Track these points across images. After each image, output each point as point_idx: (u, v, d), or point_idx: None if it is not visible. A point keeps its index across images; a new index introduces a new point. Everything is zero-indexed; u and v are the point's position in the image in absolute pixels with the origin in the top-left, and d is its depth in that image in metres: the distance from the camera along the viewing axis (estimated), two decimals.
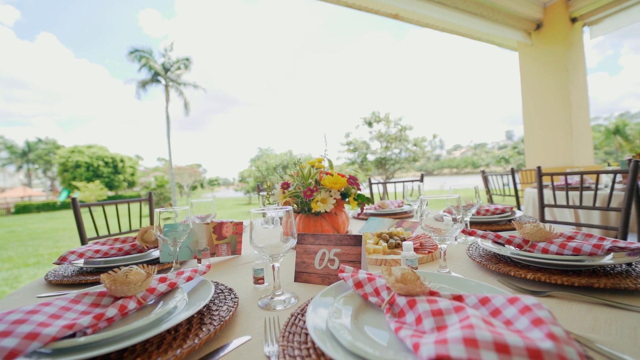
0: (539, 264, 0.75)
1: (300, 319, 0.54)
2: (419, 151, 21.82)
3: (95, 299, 0.58)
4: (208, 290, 0.65)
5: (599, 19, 5.01)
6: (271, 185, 1.25)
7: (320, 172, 1.22)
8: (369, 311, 0.54)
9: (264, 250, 0.68)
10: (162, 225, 0.95)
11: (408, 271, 0.51)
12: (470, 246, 0.97)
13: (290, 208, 0.69)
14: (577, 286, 0.65)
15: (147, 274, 0.60)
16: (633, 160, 1.70)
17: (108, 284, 0.56)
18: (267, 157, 23.87)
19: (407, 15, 4.86)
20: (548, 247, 0.76)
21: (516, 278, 0.73)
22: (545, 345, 0.33)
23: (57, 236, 10.11)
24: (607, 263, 0.66)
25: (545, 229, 0.80)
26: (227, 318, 0.57)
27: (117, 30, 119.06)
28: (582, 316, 0.54)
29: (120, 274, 0.58)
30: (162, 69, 23.36)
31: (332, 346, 0.41)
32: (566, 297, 0.62)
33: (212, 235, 1.11)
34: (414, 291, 0.49)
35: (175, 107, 41.49)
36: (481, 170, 3.80)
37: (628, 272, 0.69)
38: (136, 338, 0.47)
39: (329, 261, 0.80)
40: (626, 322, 0.51)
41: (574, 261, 0.69)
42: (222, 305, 0.63)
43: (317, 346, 0.45)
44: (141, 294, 0.59)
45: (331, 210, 1.16)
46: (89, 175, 32.64)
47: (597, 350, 0.43)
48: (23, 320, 0.46)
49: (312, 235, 0.86)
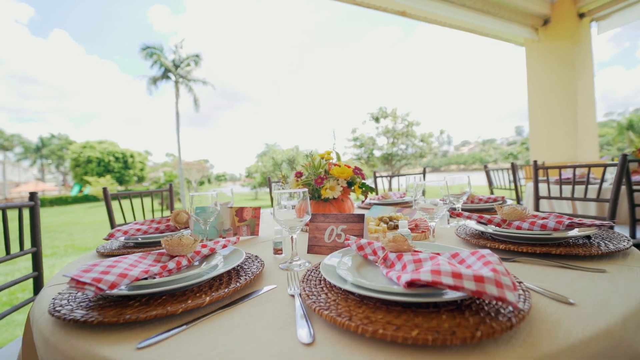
0: (514, 239, 0.90)
1: (314, 272, 0.70)
2: (425, 147, 21.68)
3: (156, 257, 0.74)
4: (240, 255, 0.81)
5: (606, 14, 5.02)
6: (286, 175, 1.41)
7: (329, 163, 1.37)
8: (368, 267, 0.70)
9: (284, 224, 0.83)
10: (195, 208, 1.12)
11: (398, 235, 0.67)
12: (458, 228, 1.11)
13: (306, 190, 0.84)
14: (538, 253, 0.80)
15: (194, 239, 0.77)
16: (622, 154, 1.81)
17: (167, 245, 0.73)
18: (274, 152, 24.06)
19: (415, 12, 4.94)
20: (521, 225, 0.91)
21: (492, 249, 0.88)
22: (488, 274, 0.48)
23: (71, 229, 10.49)
24: (570, 236, 0.81)
25: (519, 210, 0.94)
26: (257, 272, 0.73)
27: (128, 27, 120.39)
28: (537, 273, 0.69)
29: (175, 238, 0.74)
30: (173, 66, 23.67)
31: (337, 281, 0.57)
32: (528, 262, 0.76)
33: (234, 218, 1.28)
34: (402, 248, 0.64)
35: (183, 103, 41.92)
36: (484, 165, 3.91)
37: (584, 243, 0.83)
38: (194, 281, 0.63)
39: (337, 236, 0.96)
40: (567, 277, 0.66)
41: (541, 235, 0.83)
42: (252, 265, 0.79)
43: (328, 283, 0.61)
44: (190, 254, 0.76)
45: (338, 197, 1.31)
46: (100, 170, 33.28)
47: (533, 289, 0.59)
48: (114, 266, 0.63)
49: (322, 214, 1.02)
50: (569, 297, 0.55)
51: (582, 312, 0.50)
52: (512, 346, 0.42)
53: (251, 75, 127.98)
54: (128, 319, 0.53)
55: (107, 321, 0.53)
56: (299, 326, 0.49)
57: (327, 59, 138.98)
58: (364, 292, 0.52)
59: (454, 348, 0.42)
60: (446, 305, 0.51)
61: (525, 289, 0.54)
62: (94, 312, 0.56)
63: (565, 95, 5.11)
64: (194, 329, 0.52)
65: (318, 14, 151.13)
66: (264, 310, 0.58)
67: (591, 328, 0.45)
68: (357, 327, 0.45)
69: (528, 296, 0.52)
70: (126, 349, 0.47)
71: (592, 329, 0.45)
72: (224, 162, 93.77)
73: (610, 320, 0.47)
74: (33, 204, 1.42)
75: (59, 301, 0.62)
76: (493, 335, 0.42)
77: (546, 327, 0.46)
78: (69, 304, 0.61)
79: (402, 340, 0.42)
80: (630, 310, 0.50)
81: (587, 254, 0.75)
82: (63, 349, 0.51)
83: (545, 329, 0.46)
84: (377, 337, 0.43)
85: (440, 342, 0.41)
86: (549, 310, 0.51)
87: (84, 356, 0.48)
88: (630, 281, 0.62)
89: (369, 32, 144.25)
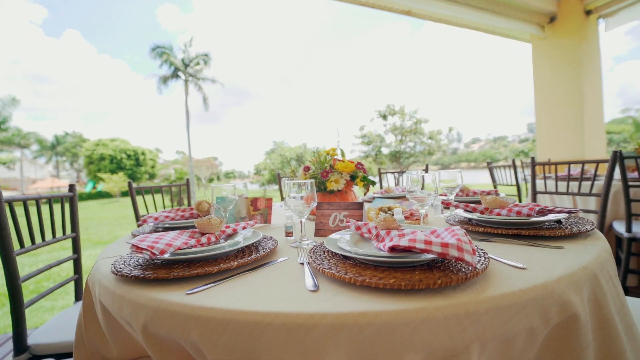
0: (494, 224, 1.03)
1: (319, 247, 0.85)
2: (434, 144, 21.54)
3: (190, 234, 0.91)
4: (257, 234, 0.97)
5: (614, 11, 5.01)
6: (295, 170, 1.56)
7: (333, 159, 1.52)
8: (363, 242, 0.84)
9: (294, 209, 0.99)
10: (216, 197, 1.28)
11: (388, 216, 0.81)
12: (449, 216, 1.25)
13: (312, 180, 0.99)
14: (511, 234, 0.93)
15: (220, 221, 0.93)
16: (613, 152, 1.91)
17: (199, 224, 0.89)
18: (282, 149, 24.27)
19: (419, 12, 5.03)
20: (500, 212, 1.04)
21: (473, 232, 1.01)
22: (451, 240, 0.62)
23: (86, 224, 10.87)
24: (544, 220, 0.94)
25: (500, 199, 1.07)
26: (273, 247, 0.89)
27: (137, 26, 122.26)
28: (505, 250, 0.83)
29: (205, 219, 0.90)
30: (182, 65, 24.06)
31: (337, 250, 0.72)
32: (502, 241, 0.90)
33: (249, 207, 1.44)
34: (391, 226, 0.79)
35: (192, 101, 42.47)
36: (487, 162, 3.99)
37: (554, 227, 0.96)
38: (223, 250, 0.79)
39: (339, 221, 1.11)
40: (528, 252, 0.79)
41: (519, 220, 0.97)
42: (267, 243, 0.95)
43: (330, 252, 0.77)
44: (217, 232, 0.92)
45: (342, 189, 1.46)
46: (112, 168, 34.04)
47: (495, 259, 0.73)
48: (160, 238, 0.80)
49: (327, 203, 1.17)
50: (523, 264, 0.69)
51: (529, 273, 0.64)
52: (465, 291, 0.56)
53: (259, 72, 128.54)
54: (176, 275, 0.69)
55: (160, 277, 0.69)
56: (307, 280, 0.65)
57: (335, 55, 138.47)
58: (358, 256, 0.67)
59: (420, 292, 0.56)
60: (420, 266, 0.65)
61: (487, 258, 0.69)
62: (148, 272, 0.72)
63: (571, 93, 5.13)
64: (226, 284, 0.68)
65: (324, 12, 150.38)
66: (280, 273, 0.73)
67: (530, 282, 0.59)
68: (350, 279, 0.60)
69: (487, 261, 0.66)
70: (178, 295, 0.63)
71: (531, 282, 0.59)
72: (233, 159, 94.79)
73: (548, 278, 0.61)
74: (72, 194, 1.60)
75: (117, 266, 0.79)
76: (450, 283, 0.56)
77: (497, 281, 0.60)
78: (126, 267, 0.77)
79: (383, 286, 0.56)
80: (568, 272, 0.64)
81: (552, 235, 0.88)
82: (128, 297, 0.67)
83: (495, 282, 0.60)
84: (365, 284, 0.58)
85: (410, 287, 0.55)
86: (504, 272, 0.65)
87: (147, 300, 0.64)
88: (580, 254, 0.75)
89: (376, 28, 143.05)
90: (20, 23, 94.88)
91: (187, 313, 0.58)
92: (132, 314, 0.65)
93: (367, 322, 0.50)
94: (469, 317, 0.52)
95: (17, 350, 1.17)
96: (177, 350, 0.62)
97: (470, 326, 0.52)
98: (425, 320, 0.51)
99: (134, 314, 0.65)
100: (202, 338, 0.55)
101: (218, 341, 0.54)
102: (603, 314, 0.65)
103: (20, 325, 1.18)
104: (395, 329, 0.50)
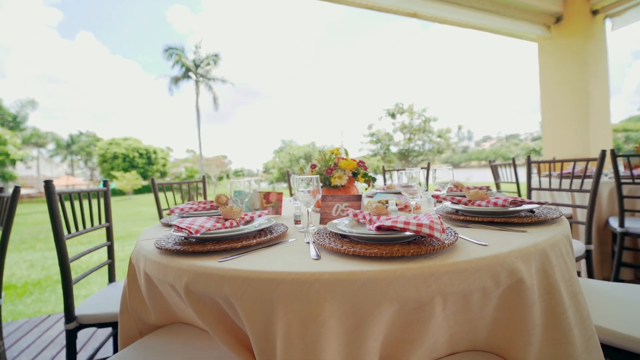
0: (474, 213, 1.19)
1: (323, 230, 1.03)
2: (443, 143, 21.41)
3: (216, 219, 1.09)
4: (271, 221, 1.15)
5: (621, 10, 5.03)
6: (303, 167, 1.74)
7: (337, 157, 1.69)
8: (359, 226, 1.02)
9: (302, 200, 1.16)
10: (234, 191, 1.47)
11: (380, 204, 0.98)
12: (438, 208, 1.41)
13: (317, 176, 1.17)
14: (485, 221, 1.09)
15: (240, 209, 1.11)
16: (601, 150, 2.03)
17: (223, 211, 1.08)
18: (290, 148, 24.52)
19: (425, 15, 5.14)
20: (481, 203, 1.20)
21: (457, 220, 1.17)
22: (425, 221, 0.79)
23: None
24: (520, 209, 1.10)
25: (481, 192, 1.23)
26: (284, 231, 1.07)
27: (148, 27, 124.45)
28: (477, 233, 0.99)
29: (228, 207, 1.09)
30: (193, 65, 24.53)
31: (336, 230, 0.90)
32: (477, 227, 1.06)
33: (262, 200, 1.62)
34: (381, 212, 0.96)
35: (202, 100, 43.10)
36: (489, 161, 4.10)
37: (525, 215, 1.11)
38: (244, 231, 0.98)
39: (341, 211, 1.28)
40: (496, 234, 0.95)
41: (497, 210, 1.12)
42: (279, 227, 1.13)
43: (331, 233, 0.94)
44: (238, 219, 1.10)
45: (345, 184, 1.63)
46: (125, 166, 34.89)
47: (465, 239, 0.89)
48: (194, 222, 0.98)
49: (330, 196, 1.34)
50: (486, 242, 0.85)
51: (488, 248, 0.80)
52: (432, 259, 0.73)
53: (268, 72, 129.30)
54: (208, 249, 0.87)
55: (196, 250, 0.87)
56: (311, 252, 0.83)
57: (343, 54, 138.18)
58: (352, 235, 0.84)
59: (397, 258, 0.74)
60: (400, 242, 0.82)
61: (456, 237, 0.85)
62: (185, 247, 0.91)
63: (577, 92, 5.17)
64: (248, 255, 0.86)
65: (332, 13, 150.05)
66: (290, 249, 0.91)
67: (486, 253, 0.75)
68: (345, 250, 0.78)
69: (454, 239, 0.82)
70: (212, 263, 0.81)
71: (487, 254, 0.75)
72: (242, 157, 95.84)
73: (501, 251, 0.77)
74: (106, 189, 1.82)
75: (159, 244, 0.98)
76: (421, 253, 0.73)
77: (460, 253, 0.77)
78: (166, 244, 0.96)
79: (369, 254, 0.74)
80: (519, 247, 0.80)
81: (520, 222, 1.04)
82: (172, 265, 0.86)
83: (458, 254, 0.76)
84: (356, 254, 0.76)
85: (389, 254, 0.72)
86: (468, 247, 0.82)
87: (188, 267, 0.82)
88: (537, 236, 0.90)
89: (383, 28, 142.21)
90: (36, 26, 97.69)
91: (220, 274, 0.76)
92: (176, 277, 0.84)
93: (355, 278, 0.68)
94: (432, 276, 0.69)
95: (67, 319, 1.38)
96: (211, 304, 0.80)
97: (434, 283, 0.68)
98: (398, 277, 0.68)
99: (177, 277, 0.83)
100: (232, 292, 0.73)
101: (244, 294, 0.72)
102: (550, 282, 0.81)
103: (69, 298, 1.39)
104: (376, 283, 0.67)
